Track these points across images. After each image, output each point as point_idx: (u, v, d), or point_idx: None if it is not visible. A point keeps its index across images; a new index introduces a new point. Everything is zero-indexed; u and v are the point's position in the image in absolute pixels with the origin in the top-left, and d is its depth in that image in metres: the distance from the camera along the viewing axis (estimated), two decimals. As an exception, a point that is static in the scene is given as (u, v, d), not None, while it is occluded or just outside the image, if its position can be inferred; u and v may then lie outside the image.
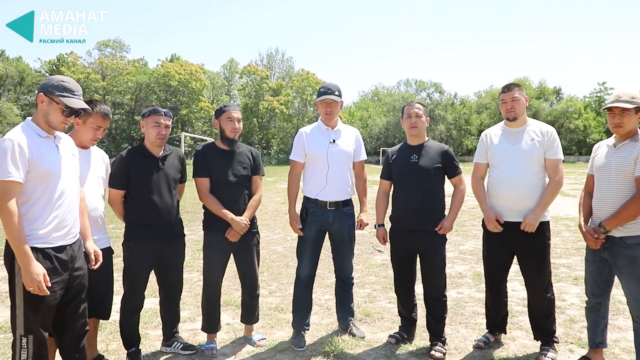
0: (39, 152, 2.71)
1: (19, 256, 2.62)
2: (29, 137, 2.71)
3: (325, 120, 4.29)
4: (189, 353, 3.96)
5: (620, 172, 3.33)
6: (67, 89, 2.83)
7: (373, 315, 4.90)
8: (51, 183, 2.78)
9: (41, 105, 2.80)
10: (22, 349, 2.76)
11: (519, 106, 3.83)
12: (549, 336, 3.90)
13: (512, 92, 3.83)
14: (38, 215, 2.74)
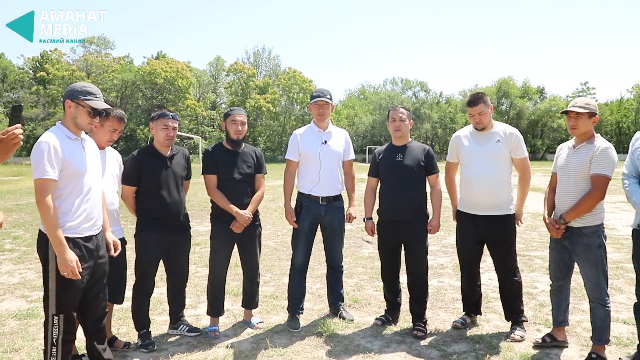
0: (70, 153, 3.08)
1: (55, 245, 2.99)
2: (61, 139, 3.08)
3: (318, 122, 4.69)
4: (194, 335, 4.35)
5: (578, 171, 3.78)
6: (90, 93, 3.19)
7: (361, 302, 5.33)
8: (80, 180, 3.16)
9: (69, 110, 3.16)
10: (53, 326, 3.13)
11: (486, 118, 4.29)
12: (518, 315, 4.38)
13: (478, 107, 4.26)
14: (69, 208, 3.11)
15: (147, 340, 4.12)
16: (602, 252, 3.77)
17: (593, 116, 3.76)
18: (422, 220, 4.46)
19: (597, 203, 3.71)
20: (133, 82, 60.44)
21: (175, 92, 61.24)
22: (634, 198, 3.46)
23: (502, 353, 3.96)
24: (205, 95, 71.00)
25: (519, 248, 7.95)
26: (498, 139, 4.27)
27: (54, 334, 3.13)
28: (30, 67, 64.10)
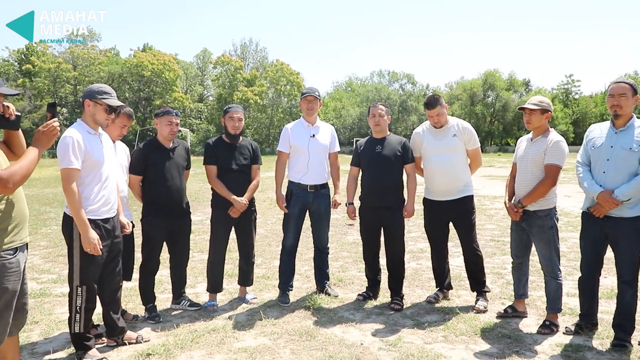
0: (90, 146, 3.55)
1: (79, 225, 3.46)
2: (83, 134, 3.54)
3: (307, 116, 5.18)
4: (194, 309, 4.84)
5: (534, 161, 4.31)
6: (105, 92, 3.66)
7: (345, 281, 5.86)
8: (99, 170, 3.62)
9: (88, 108, 3.62)
10: (77, 296, 3.61)
11: (443, 118, 4.83)
12: (481, 286, 4.97)
13: (436, 109, 4.78)
14: (90, 194, 3.57)
15: (154, 312, 4.60)
16: (555, 232, 4.32)
17: (545, 112, 4.29)
18: (399, 206, 4.97)
19: (550, 189, 4.24)
20: (120, 74, 60.29)
21: (162, 84, 61.16)
22: (585, 184, 4.00)
23: (469, 322, 4.49)
24: (192, 88, 71.02)
25: (494, 234, 8.56)
26: (454, 133, 4.82)
27: (77, 303, 3.61)
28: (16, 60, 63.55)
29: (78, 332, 3.64)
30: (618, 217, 3.83)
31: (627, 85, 3.88)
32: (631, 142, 3.80)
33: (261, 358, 3.75)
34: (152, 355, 3.78)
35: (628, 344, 3.87)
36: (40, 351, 3.92)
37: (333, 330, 4.33)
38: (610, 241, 3.95)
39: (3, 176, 2.73)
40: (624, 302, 3.91)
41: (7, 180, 2.73)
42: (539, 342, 4.05)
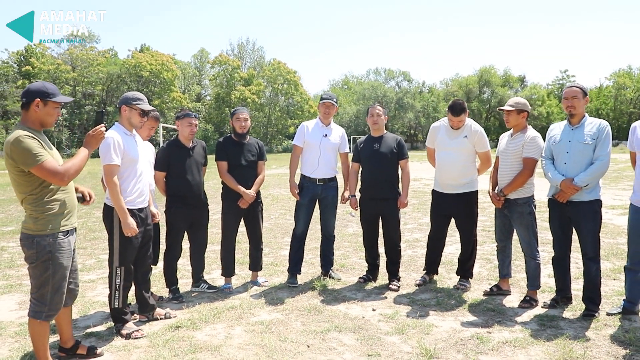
0: (127, 145, 4.10)
1: (120, 213, 4.00)
2: (121, 135, 4.09)
3: (323, 118, 5.75)
4: (212, 291, 5.40)
5: (514, 155, 4.87)
6: (139, 99, 4.22)
7: (347, 267, 6.43)
8: (135, 166, 4.18)
9: (124, 113, 4.18)
10: (116, 276, 4.16)
11: (462, 123, 5.29)
12: (467, 272, 5.52)
13: (459, 117, 5.21)
14: (127, 187, 4.13)
15: (177, 294, 5.16)
16: (533, 217, 4.88)
17: (522, 112, 4.84)
18: (394, 197, 5.52)
19: (528, 179, 4.80)
20: (118, 75, 60.61)
21: (160, 84, 61.48)
22: (549, 174, 4.58)
23: (458, 299, 5.05)
24: (190, 88, 71.41)
25: (485, 225, 9.11)
26: (465, 134, 5.31)
27: (117, 282, 4.16)
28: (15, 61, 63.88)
29: (117, 307, 4.20)
30: (578, 201, 4.44)
31: (578, 89, 4.50)
32: (585, 137, 4.40)
33: (276, 329, 4.31)
34: (180, 328, 4.34)
35: (596, 313, 4.44)
36: (81, 326, 4.46)
37: (338, 307, 4.89)
38: (574, 223, 4.54)
39: (60, 171, 3.27)
40: (590, 276, 4.50)
41: (63, 174, 3.28)
42: (519, 314, 4.61)
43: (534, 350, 3.80)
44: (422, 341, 3.97)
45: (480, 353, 3.77)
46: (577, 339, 3.95)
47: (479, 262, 6.50)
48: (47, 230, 3.35)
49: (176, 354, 3.81)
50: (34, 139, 3.23)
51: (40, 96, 3.33)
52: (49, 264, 3.35)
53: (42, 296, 3.38)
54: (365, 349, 3.86)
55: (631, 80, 71.53)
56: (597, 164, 4.37)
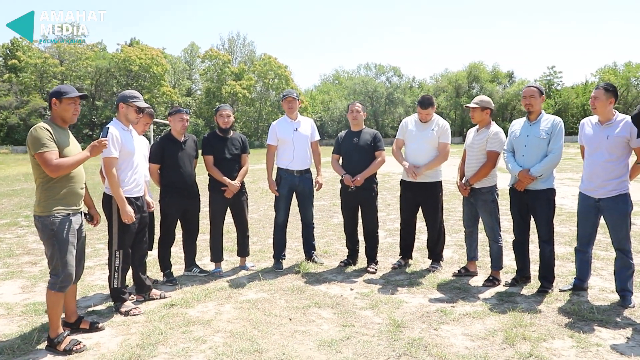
0: (124, 139, 4.51)
1: (118, 201, 4.42)
2: (119, 130, 4.50)
3: (289, 113, 6.20)
4: (204, 274, 5.85)
5: (479, 148, 5.34)
6: (135, 97, 4.64)
7: (330, 253, 6.89)
8: (131, 158, 4.59)
9: (122, 110, 4.59)
10: (115, 259, 4.58)
11: (430, 116, 5.79)
12: (437, 256, 6.00)
13: (427, 110, 5.73)
14: (125, 177, 4.54)
15: (171, 277, 5.61)
16: (495, 205, 5.37)
17: (485, 109, 5.31)
18: (372, 187, 5.98)
19: (491, 170, 5.29)
20: (107, 69, 60.34)
21: (150, 79, 61.31)
22: (509, 165, 5.08)
23: (428, 279, 5.53)
24: (180, 82, 71.47)
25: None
26: (433, 128, 5.79)
27: (116, 264, 4.59)
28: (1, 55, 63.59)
29: (116, 287, 4.63)
30: (534, 189, 4.93)
31: (535, 88, 4.98)
32: (541, 132, 4.89)
33: (262, 305, 4.76)
34: (175, 306, 4.78)
35: (550, 290, 4.95)
36: (82, 306, 4.89)
37: (319, 287, 5.35)
38: (530, 209, 5.04)
39: (53, 164, 3.72)
40: (544, 257, 5.00)
41: (55, 167, 3.72)
42: (482, 292, 5.10)
43: (490, 320, 4.29)
44: (392, 314, 4.44)
45: (443, 323, 4.25)
46: (528, 311, 4.46)
47: (452, 247, 6.99)
48: (49, 212, 3.80)
49: (171, 327, 4.25)
50: (47, 131, 3.70)
51: (55, 96, 3.87)
52: (53, 240, 3.81)
53: (55, 269, 3.84)
54: (341, 321, 4.33)
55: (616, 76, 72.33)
56: (550, 156, 4.86)
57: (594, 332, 4.01)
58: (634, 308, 4.49)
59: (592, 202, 4.72)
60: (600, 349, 3.71)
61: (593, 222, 4.80)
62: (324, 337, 3.99)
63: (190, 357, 3.69)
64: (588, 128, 4.81)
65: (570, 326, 4.12)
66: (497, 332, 4.03)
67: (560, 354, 3.63)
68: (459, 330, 4.11)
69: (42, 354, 3.82)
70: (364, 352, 3.71)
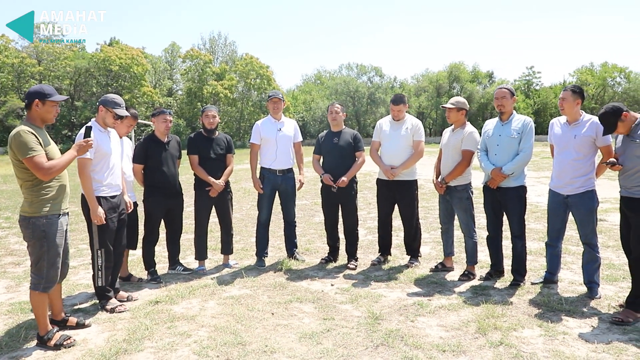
0: (101, 141, 4.57)
1: (90, 202, 4.48)
2: (95, 131, 4.52)
3: (273, 114, 6.32)
4: (188, 272, 5.96)
5: (455, 148, 5.54)
6: (117, 104, 4.71)
7: (311, 250, 7.05)
8: (107, 159, 4.66)
9: (101, 112, 4.67)
10: (98, 257, 4.65)
11: (402, 113, 6.00)
12: (415, 252, 6.19)
13: (398, 107, 5.97)
14: (101, 178, 4.60)
15: (155, 275, 5.71)
16: (470, 202, 5.57)
17: (461, 110, 5.51)
18: (352, 186, 6.15)
19: (466, 169, 5.49)
20: (87, 69, 59.51)
21: (130, 79, 60.59)
22: (483, 164, 5.28)
23: (406, 275, 5.71)
24: (161, 82, 70.79)
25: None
26: (407, 126, 5.98)
27: (99, 263, 4.66)
28: (-23, 54, 62.37)
29: (101, 285, 4.70)
30: (506, 187, 5.15)
31: (507, 90, 5.20)
32: (512, 131, 5.10)
33: (245, 301, 4.90)
34: (159, 303, 4.89)
35: (522, 283, 5.16)
36: (68, 304, 4.97)
37: (300, 283, 5.50)
38: (503, 206, 5.25)
39: (45, 167, 3.78)
40: (516, 252, 5.22)
41: (47, 170, 3.79)
42: (457, 286, 5.30)
43: (464, 312, 4.49)
44: (371, 308, 4.61)
45: (419, 315, 4.44)
46: (500, 303, 4.67)
47: (430, 244, 7.20)
48: (41, 213, 3.87)
49: (157, 323, 4.37)
50: (32, 135, 3.75)
51: (38, 97, 3.88)
52: (43, 241, 3.87)
53: (39, 270, 3.90)
54: (321, 315, 4.49)
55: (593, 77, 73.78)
56: (522, 155, 5.08)
57: (562, 321, 4.22)
58: (600, 299, 4.72)
59: (561, 199, 4.94)
60: (566, 337, 3.92)
61: (562, 218, 5.02)
62: (305, 329, 4.14)
63: (176, 350, 3.81)
64: (557, 128, 5.03)
65: (539, 316, 4.33)
66: (470, 322, 4.22)
67: (529, 342, 3.83)
68: (435, 321, 4.30)
69: (30, 350, 3.92)
70: (344, 343, 3.87)
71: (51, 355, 3.81)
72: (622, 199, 4.41)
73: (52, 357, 3.79)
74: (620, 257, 6.07)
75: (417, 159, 6.00)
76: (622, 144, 4.37)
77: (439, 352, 3.69)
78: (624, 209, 4.42)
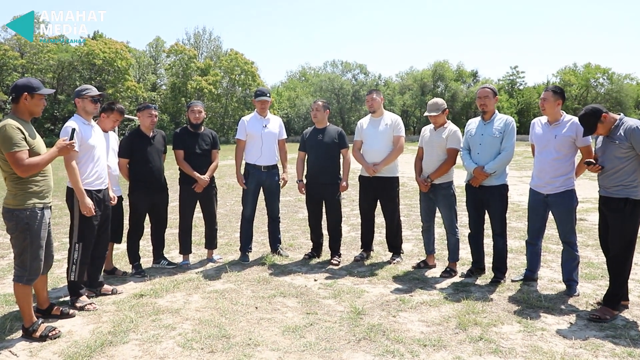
0: (86, 133, 4.57)
1: (78, 194, 4.47)
2: (79, 124, 4.54)
3: (260, 112, 6.35)
4: (172, 267, 5.97)
5: (439, 146, 5.60)
6: (87, 89, 4.71)
7: (295, 246, 7.10)
8: (92, 152, 4.66)
9: (79, 105, 4.66)
10: (75, 251, 4.63)
11: (376, 103, 6.09)
12: (397, 249, 6.28)
13: (371, 95, 6.10)
14: (86, 170, 4.60)
15: (140, 269, 5.71)
16: (454, 199, 5.66)
17: (444, 111, 5.57)
18: (336, 182, 6.20)
19: (451, 167, 5.57)
20: (70, 63, 58.80)
21: (114, 73, 59.98)
22: (465, 163, 5.37)
23: (389, 271, 5.78)
24: (145, 77, 70.13)
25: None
26: (387, 123, 6.06)
27: (75, 257, 4.64)
28: (-43, 46, 61.19)
29: (73, 280, 4.65)
30: (488, 185, 5.24)
31: (490, 89, 5.30)
32: (494, 131, 5.19)
33: (229, 295, 4.93)
34: (144, 296, 4.90)
35: (502, 280, 5.27)
36: (53, 297, 4.94)
37: (284, 278, 5.54)
38: (485, 204, 5.34)
39: (24, 164, 3.78)
40: (497, 249, 5.32)
41: (25, 167, 3.79)
42: (439, 282, 5.39)
43: (445, 308, 4.57)
44: (354, 303, 4.68)
45: (401, 310, 4.51)
46: (481, 299, 4.76)
47: (412, 241, 7.29)
48: (24, 205, 3.87)
49: (141, 316, 4.39)
50: (18, 130, 3.76)
51: (27, 90, 3.88)
52: (26, 234, 3.88)
53: (23, 262, 3.90)
54: (305, 309, 4.54)
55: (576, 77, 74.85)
56: (503, 154, 5.17)
57: (540, 318, 4.33)
58: (578, 296, 4.84)
59: (541, 198, 5.04)
60: (545, 333, 4.02)
61: (542, 216, 5.13)
62: (289, 323, 4.19)
63: (160, 342, 3.84)
64: (538, 128, 5.13)
65: (518, 313, 4.43)
66: (451, 318, 4.31)
67: (508, 338, 3.92)
68: (416, 317, 4.37)
69: (15, 341, 3.92)
70: (326, 336, 3.93)
71: (37, 347, 3.82)
72: (601, 199, 4.52)
73: (37, 348, 3.80)
74: (599, 256, 6.20)
75: (398, 154, 6.07)
76: (602, 145, 4.47)
77: (420, 346, 3.77)
78: (602, 209, 4.52)
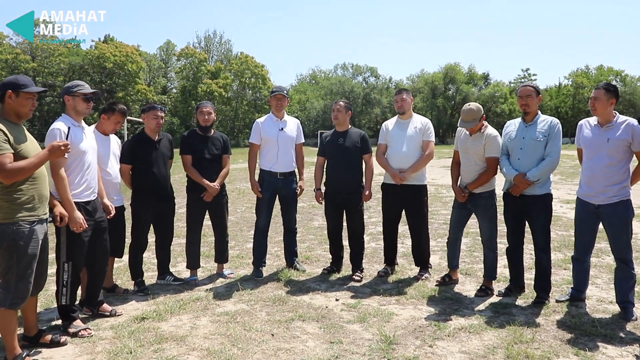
0: (75, 137, 4.02)
1: (67, 206, 3.90)
2: (68, 126, 3.97)
3: (276, 111, 5.82)
4: (178, 283, 5.45)
5: (476, 154, 5.00)
6: (78, 85, 4.14)
7: (312, 259, 6.55)
8: (82, 158, 4.10)
9: (69, 103, 4.09)
10: (64, 272, 4.09)
11: (406, 104, 5.54)
12: (425, 263, 5.70)
13: (401, 95, 5.55)
14: (74, 179, 4.04)
15: (142, 286, 5.19)
16: (495, 210, 5.08)
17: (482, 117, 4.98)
18: (358, 190, 5.66)
19: (492, 178, 5.00)
20: (81, 66, 58.94)
21: (125, 76, 60.05)
22: (504, 169, 4.81)
23: (418, 289, 5.23)
24: (155, 80, 70.02)
25: (446, 218, 9.38)
26: (415, 126, 5.51)
27: (64, 278, 4.10)
28: (-31, 50, 61.40)
29: (65, 304, 4.13)
30: (531, 194, 4.67)
31: (532, 88, 4.74)
32: (537, 134, 4.63)
33: (241, 319, 4.40)
34: (146, 319, 4.38)
35: (546, 300, 4.69)
36: (44, 319, 4.46)
37: (302, 297, 5.01)
38: (526, 216, 4.78)
39: (6, 169, 3.27)
40: (541, 266, 4.75)
41: (7, 172, 3.28)
42: (475, 303, 4.82)
43: (488, 335, 4.00)
44: (383, 329, 4.12)
45: (437, 339, 3.95)
46: (527, 325, 4.18)
47: (439, 253, 6.71)
48: (11, 219, 3.37)
49: (142, 345, 3.86)
50: (1, 133, 3.25)
51: (11, 88, 3.40)
52: (13, 251, 3.38)
53: (7, 283, 3.40)
54: (327, 337, 4.00)
55: (588, 80, 73.78)
56: (548, 160, 4.60)
57: (599, 348, 3.75)
58: (637, 321, 4.25)
59: (591, 209, 4.47)
60: (606, 367, 3.45)
61: (592, 229, 4.56)
62: (310, 355, 3.65)
63: (162, 381, 3.31)
64: (587, 130, 4.57)
65: (573, 342, 3.85)
66: (496, 349, 3.74)
67: (565, 374, 3.36)
68: (456, 347, 3.81)
69: (-6, 378, 3.41)
70: (355, 373, 3.39)
71: (17, 386, 3.30)
72: None
73: (18, 388, 3.29)
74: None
75: (428, 160, 5.52)
76: None
77: (465, 385, 3.22)
78: None
